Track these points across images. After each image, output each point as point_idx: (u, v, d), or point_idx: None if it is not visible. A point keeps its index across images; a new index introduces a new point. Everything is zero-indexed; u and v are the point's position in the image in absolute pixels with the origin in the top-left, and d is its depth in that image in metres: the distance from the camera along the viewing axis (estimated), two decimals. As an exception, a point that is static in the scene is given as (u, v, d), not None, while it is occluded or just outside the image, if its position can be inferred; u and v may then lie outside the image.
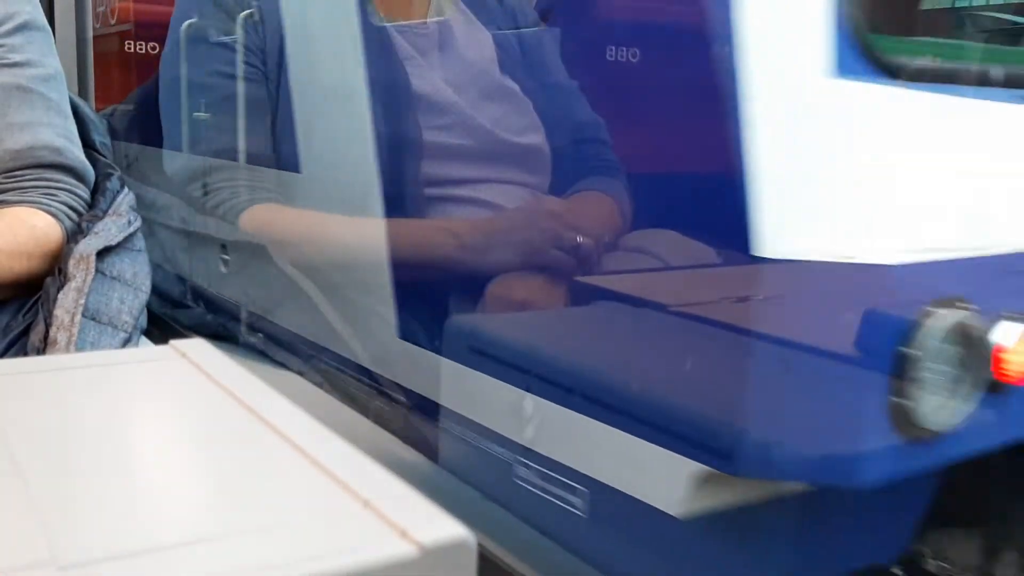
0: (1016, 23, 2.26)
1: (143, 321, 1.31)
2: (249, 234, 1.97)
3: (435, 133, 1.84)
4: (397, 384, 1.74)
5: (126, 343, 1.24)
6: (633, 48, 1.55)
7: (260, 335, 2.00)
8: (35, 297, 1.26)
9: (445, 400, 1.68)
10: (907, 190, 1.50)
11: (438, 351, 1.66)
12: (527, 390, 1.59)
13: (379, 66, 1.84)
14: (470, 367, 1.65)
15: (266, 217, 1.92)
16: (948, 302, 1.37)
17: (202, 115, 2.13)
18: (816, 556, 1.66)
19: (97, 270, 1.24)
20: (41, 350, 1.17)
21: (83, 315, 1.19)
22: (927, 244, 1.51)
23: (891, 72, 1.51)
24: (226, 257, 1.99)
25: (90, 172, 1.40)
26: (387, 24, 1.89)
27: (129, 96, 2.74)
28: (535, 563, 1.40)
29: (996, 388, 1.47)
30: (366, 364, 1.80)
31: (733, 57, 1.41)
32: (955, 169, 1.57)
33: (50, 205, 1.31)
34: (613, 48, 1.59)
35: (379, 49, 1.86)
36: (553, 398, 1.56)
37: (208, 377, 0.67)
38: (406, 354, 1.71)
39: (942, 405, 1.41)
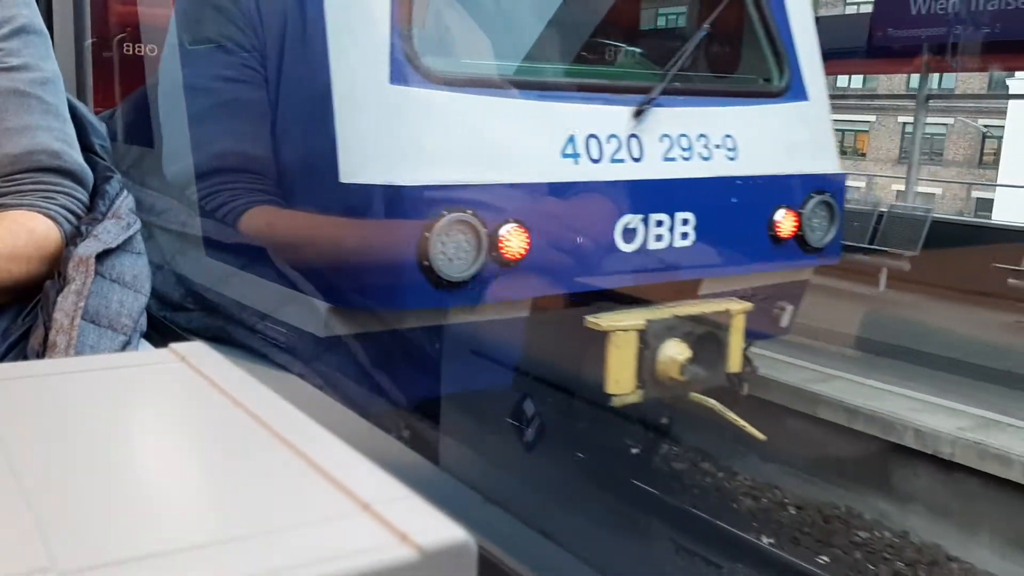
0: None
1: (143, 323, 1.31)
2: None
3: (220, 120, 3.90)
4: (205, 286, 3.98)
5: (125, 346, 1.23)
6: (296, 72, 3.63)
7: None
8: (34, 301, 1.25)
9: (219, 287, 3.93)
10: (438, 147, 3.23)
11: (216, 259, 3.85)
12: (245, 270, 3.64)
13: (186, 74, 3.78)
14: (232, 266, 3.73)
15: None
16: (458, 208, 3.19)
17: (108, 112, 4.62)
18: (439, 376, 3.38)
19: (97, 272, 1.23)
20: (41, 354, 1.16)
21: (82, 318, 1.19)
22: (455, 177, 3.20)
23: (432, 80, 3.25)
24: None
25: (88, 175, 1.40)
26: (191, 47, 3.76)
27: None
28: (535, 566, 1.41)
29: (504, 263, 3.31)
30: (188, 273, 3.97)
31: (328, 73, 3.21)
32: (476, 135, 3.26)
33: (49, 208, 1.30)
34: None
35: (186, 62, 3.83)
36: (258, 275, 3.55)
37: (208, 381, 0.67)
38: (208, 263, 3.87)
39: (452, 266, 3.18)
